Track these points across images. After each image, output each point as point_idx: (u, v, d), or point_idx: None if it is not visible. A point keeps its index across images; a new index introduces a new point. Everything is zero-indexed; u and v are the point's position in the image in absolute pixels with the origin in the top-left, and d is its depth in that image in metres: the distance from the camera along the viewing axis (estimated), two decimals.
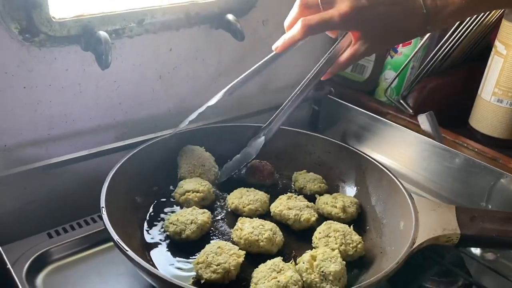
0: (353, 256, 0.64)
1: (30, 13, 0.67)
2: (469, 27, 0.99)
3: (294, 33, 0.67)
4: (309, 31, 0.65)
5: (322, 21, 0.63)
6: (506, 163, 0.87)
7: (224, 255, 0.59)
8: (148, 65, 0.85)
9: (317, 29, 0.64)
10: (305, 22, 0.64)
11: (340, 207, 0.71)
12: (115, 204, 0.63)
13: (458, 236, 0.59)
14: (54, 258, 0.69)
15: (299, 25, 0.65)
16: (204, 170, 0.78)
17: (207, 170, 0.78)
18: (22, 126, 0.75)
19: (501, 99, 0.97)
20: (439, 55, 1.01)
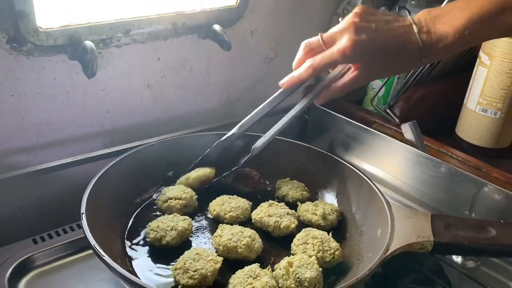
0: (331, 263, 0.64)
1: (17, 23, 0.68)
2: None
3: (300, 72, 0.71)
4: (314, 71, 0.69)
5: (325, 60, 0.67)
6: (489, 172, 0.87)
7: (201, 261, 0.60)
8: (136, 74, 0.86)
9: (321, 68, 0.68)
10: (310, 63, 0.69)
11: (320, 214, 0.72)
12: (96, 210, 0.64)
13: (431, 244, 0.60)
14: (37, 263, 0.69)
15: (305, 66, 0.70)
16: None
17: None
18: (10, 133, 0.76)
19: (485, 108, 0.98)
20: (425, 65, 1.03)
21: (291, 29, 1.06)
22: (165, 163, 0.82)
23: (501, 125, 0.98)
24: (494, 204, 0.81)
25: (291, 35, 1.06)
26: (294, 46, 1.09)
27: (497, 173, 0.87)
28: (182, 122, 0.95)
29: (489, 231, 0.61)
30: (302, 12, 1.06)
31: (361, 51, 0.65)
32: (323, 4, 1.09)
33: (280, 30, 1.04)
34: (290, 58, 1.09)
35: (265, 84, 1.08)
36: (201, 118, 0.99)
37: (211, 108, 1.01)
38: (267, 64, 1.06)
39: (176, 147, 0.84)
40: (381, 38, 0.65)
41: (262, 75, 1.06)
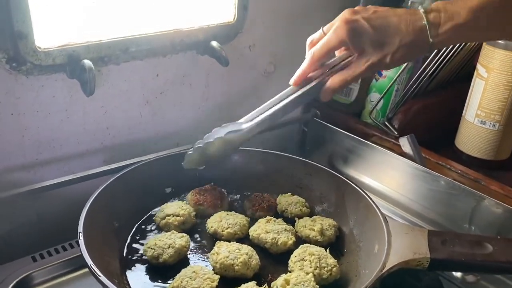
0: (328, 279, 0.64)
1: (17, 43, 0.69)
2: (453, 50, 1.01)
3: (303, 65, 0.71)
4: (313, 60, 0.69)
5: (321, 45, 0.68)
6: (488, 185, 0.87)
7: (198, 279, 0.60)
8: (135, 90, 0.87)
9: (318, 54, 0.68)
10: (310, 52, 0.70)
11: (318, 230, 0.72)
12: (94, 228, 0.65)
13: (428, 260, 0.60)
14: (36, 281, 0.70)
15: (307, 57, 0.70)
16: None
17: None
18: (10, 151, 0.77)
19: (484, 120, 0.98)
20: (423, 77, 1.03)
21: (289, 43, 1.06)
22: (164, 180, 0.83)
23: (500, 137, 0.98)
24: (494, 218, 0.81)
25: (289, 49, 1.07)
26: (292, 60, 1.10)
27: (496, 186, 0.86)
28: (182, 138, 0.96)
29: (486, 247, 0.61)
30: (300, 26, 1.07)
31: (355, 31, 0.64)
32: (321, 17, 1.09)
33: (278, 44, 1.05)
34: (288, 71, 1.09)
35: (264, 98, 1.08)
36: (200, 133, 0.99)
37: (211, 123, 1.01)
38: (266, 78, 1.07)
39: (176, 163, 0.84)
40: (378, 17, 0.64)
41: (261, 89, 1.07)
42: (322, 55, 0.69)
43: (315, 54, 0.69)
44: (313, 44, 0.71)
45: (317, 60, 0.69)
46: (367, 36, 0.64)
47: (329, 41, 0.67)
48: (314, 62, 0.70)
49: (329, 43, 0.67)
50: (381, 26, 0.64)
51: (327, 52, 0.69)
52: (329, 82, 0.69)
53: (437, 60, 1.02)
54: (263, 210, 0.79)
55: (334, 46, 0.68)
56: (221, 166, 0.86)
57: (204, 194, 0.79)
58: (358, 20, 0.64)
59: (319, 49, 0.68)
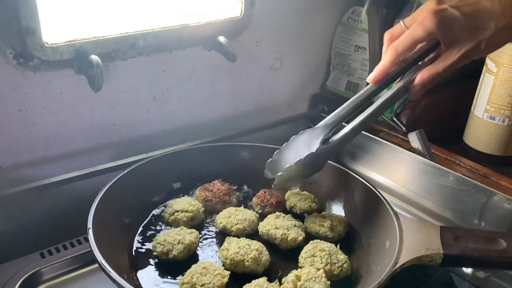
0: (339, 275, 0.64)
1: (24, 39, 0.69)
2: None
3: (384, 60, 0.67)
4: (397, 54, 0.65)
5: (406, 38, 0.64)
6: (498, 181, 0.87)
7: (208, 275, 0.60)
8: (142, 86, 0.87)
9: (403, 48, 0.64)
10: (392, 46, 0.65)
11: (328, 226, 0.71)
12: (103, 224, 0.65)
13: (441, 256, 0.59)
14: (45, 278, 0.70)
15: (388, 51, 0.66)
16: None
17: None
18: (17, 147, 0.77)
19: (493, 116, 0.97)
20: None
21: (296, 38, 1.06)
22: (171, 175, 0.83)
23: (509, 132, 0.97)
24: (504, 214, 0.80)
25: (296, 45, 1.07)
26: (298, 55, 1.11)
27: (506, 182, 0.86)
28: (188, 134, 0.96)
29: (499, 243, 0.60)
30: (307, 22, 1.07)
31: (443, 19, 0.60)
32: (328, 14, 1.10)
33: (284, 40, 1.05)
34: (295, 67, 1.10)
35: (271, 93, 1.09)
36: (207, 129, 0.99)
37: (217, 119, 1.01)
38: (272, 74, 1.06)
39: (183, 159, 0.84)
40: (468, 3, 0.60)
41: (267, 85, 1.07)
42: (406, 49, 0.65)
43: (399, 48, 0.64)
44: (393, 38, 0.66)
45: (401, 54, 0.65)
46: (459, 25, 0.61)
47: (415, 34, 0.63)
48: (397, 57, 0.66)
49: (415, 36, 0.63)
50: (473, 12, 0.60)
51: (412, 46, 0.65)
52: (418, 78, 0.66)
53: None
54: (272, 206, 0.78)
55: (421, 39, 0.63)
56: (229, 162, 0.85)
57: (212, 190, 0.79)
58: (447, 9, 0.60)
59: (403, 42, 0.64)
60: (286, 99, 1.12)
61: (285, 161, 0.70)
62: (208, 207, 0.78)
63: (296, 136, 0.73)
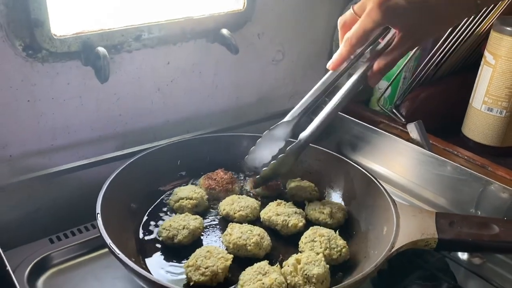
0: (338, 260, 0.66)
1: (33, 31, 0.71)
2: (460, 37, 1.02)
3: (340, 49, 0.70)
4: (351, 46, 0.67)
5: (356, 30, 0.65)
6: (495, 170, 0.89)
7: (212, 258, 0.62)
8: (147, 78, 0.89)
9: (356, 40, 0.66)
10: (346, 38, 0.67)
11: (327, 213, 0.73)
12: (111, 211, 0.67)
13: (436, 241, 0.62)
14: (54, 262, 0.72)
15: (343, 41, 0.68)
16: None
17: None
18: (26, 137, 0.79)
19: (491, 107, 0.99)
20: (430, 65, 1.04)
21: (297, 31, 1.08)
22: (176, 165, 0.85)
23: (507, 123, 0.99)
24: (500, 202, 0.82)
25: (297, 37, 1.08)
26: (300, 48, 1.12)
27: (503, 172, 0.88)
28: (192, 124, 0.98)
29: (492, 228, 0.62)
30: (308, 14, 1.08)
31: (389, 10, 0.61)
32: (329, 6, 1.11)
33: (286, 32, 1.06)
34: (296, 59, 1.12)
35: (273, 85, 1.10)
36: (210, 120, 1.01)
37: (220, 110, 1.03)
38: (274, 66, 1.08)
39: (187, 149, 0.86)
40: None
41: (269, 77, 1.08)
42: (360, 41, 0.67)
43: (352, 40, 0.66)
44: (346, 26, 0.68)
45: (355, 45, 0.67)
46: (405, 13, 0.61)
47: (365, 26, 0.64)
48: (352, 48, 0.68)
49: (365, 27, 0.64)
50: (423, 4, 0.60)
51: (364, 36, 0.66)
52: (375, 66, 0.68)
53: (444, 48, 1.03)
54: (266, 189, 0.81)
55: (371, 29, 0.65)
56: (231, 152, 0.87)
57: (215, 179, 0.81)
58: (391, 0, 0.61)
59: (355, 34, 0.66)
60: (287, 91, 1.13)
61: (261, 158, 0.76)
62: (211, 194, 0.80)
63: (267, 131, 0.76)
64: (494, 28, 0.96)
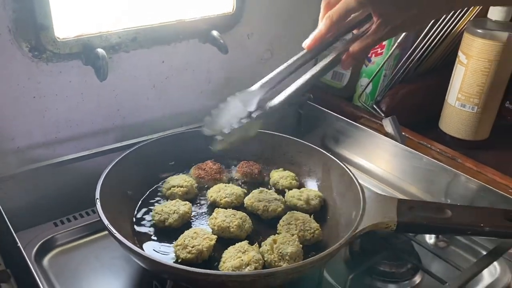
0: (311, 240, 0.73)
1: (38, 34, 0.77)
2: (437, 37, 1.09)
3: (319, 27, 0.70)
4: (331, 23, 0.68)
5: (339, 8, 0.66)
6: (464, 162, 0.96)
7: (198, 239, 0.69)
8: (143, 75, 0.95)
9: (337, 17, 0.67)
10: (327, 15, 0.68)
11: (304, 199, 0.81)
12: (109, 197, 0.73)
13: (395, 223, 0.69)
14: (58, 243, 0.80)
15: (323, 19, 0.69)
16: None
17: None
18: (32, 130, 0.85)
19: (464, 104, 1.06)
20: (410, 63, 1.11)
21: (285, 31, 1.13)
22: (169, 155, 0.91)
23: (478, 119, 1.06)
24: (466, 191, 0.88)
25: (285, 37, 1.14)
26: (288, 47, 1.19)
27: (470, 163, 0.95)
28: (186, 118, 1.03)
29: (446, 213, 0.69)
30: (295, 15, 1.14)
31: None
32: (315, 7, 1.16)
33: (274, 32, 1.12)
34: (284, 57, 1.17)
35: None
36: (202, 114, 1.06)
37: (212, 105, 1.07)
38: (263, 64, 1.14)
39: (180, 141, 0.92)
40: None
41: (258, 74, 1.11)
42: (341, 18, 0.67)
43: (334, 17, 0.67)
44: (329, 6, 0.69)
45: (335, 23, 0.68)
46: (388, 0, 0.63)
47: (349, 4, 0.65)
48: (332, 26, 0.68)
49: (348, 6, 0.65)
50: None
51: (346, 15, 0.67)
52: (350, 50, 0.69)
53: (422, 47, 1.10)
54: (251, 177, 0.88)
55: (354, 9, 0.66)
56: None
57: (205, 169, 0.88)
58: None
59: (337, 11, 0.66)
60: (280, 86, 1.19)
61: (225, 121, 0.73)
62: (201, 183, 0.87)
63: (233, 96, 0.76)
64: (466, 30, 1.03)
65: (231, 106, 0.75)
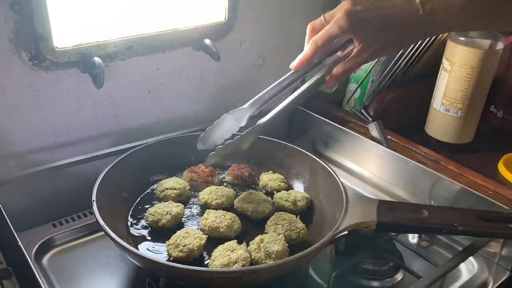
0: (297, 240, 0.77)
1: (38, 44, 0.81)
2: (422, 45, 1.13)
3: (305, 50, 0.75)
4: (316, 47, 0.73)
5: (323, 33, 0.71)
6: (446, 165, 1.00)
7: (189, 238, 0.73)
8: (139, 82, 0.99)
9: (321, 42, 0.72)
10: (312, 39, 0.73)
11: (292, 201, 0.85)
12: (105, 198, 0.77)
13: (375, 223, 0.72)
14: (57, 243, 0.83)
15: (309, 43, 0.74)
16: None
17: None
18: (32, 135, 0.87)
19: (448, 108, 1.10)
20: (396, 69, 1.15)
21: (276, 38, 1.17)
22: (163, 159, 0.94)
23: (462, 123, 1.10)
24: (448, 193, 0.92)
25: (276, 44, 1.18)
26: (279, 53, 1.23)
27: (453, 166, 0.99)
28: (180, 124, 1.07)
29: (423, 213, 0.73)
30: (286, 24, 1.18)
31: (356, 21, 0.67)
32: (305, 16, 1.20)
33: (266, 39, 1.16)
34: (276, 64, 1.22)
35: (254, 88, 1.19)
36: (196, 119, 1.10)
37: (205, 111, 1.12)
38: (255, 71, 1.18)
39: (174, 145, 0.96)
40: (376, 7, 0.67)
41: (250, 81, 1.19)
42: (324, 44, 0.72)
43: (318, 42, 0.72)
44: (314, 31, 0.74)
45: (319, 48, 0.73)
46: (369, 27, 0.68)
47: (331, 31, 0.70)
48: (316, 50, 0.73)
49: (331, 33, 0.70)
50: (381, 16, 0.68)
51: (329, 41, 0.72)
52: (333, 71, 0.74)
53: (408, 53, 1.14)
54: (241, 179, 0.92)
55: (336, 35, 0.71)
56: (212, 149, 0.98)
57: (197, 172, 0.92)
58: (359, 11, 0.68)
59: (321, 37, 0.72)
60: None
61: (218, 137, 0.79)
62: (193, 186, 0.91)
63: (226, 114, 0.81)
64: (450, 38, 1.07)
65: (224, 122, 0.80)
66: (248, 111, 0.79)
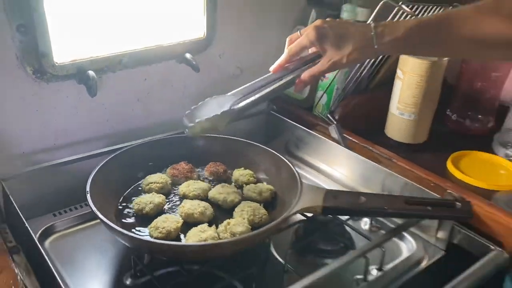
0: (259, 224, 0.89)
1: (40, 60, 0.93)
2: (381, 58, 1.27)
3: (281, 57, 0.91)
4: (289, 55, 0.89)
5: (296, 44, 0.87)
6: (397, 162, 1.13)
7: (168, 222, 0.87)
8: (128, 91, 1.11)
9: (294, 51, 0.88)
10: (288, 48, 0.89)
11: (258, 192, 0.98)
12: (97, 190, 0.89)
13: (320, 208, 0.86)
14: (57, 230, 0.96)
15: (285, 51, 0.90)
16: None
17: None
18: (35, 138, 0.98)
19: (402, 112, 1.24)
20: (357, 78, 1.29)
21: (252, 51, 1.30)
22: (149, 157, 1.07)
23: (415, 125, 1.23)
24: (398, 187, 1.05)
25: (253, 55, 1.31)
26: (255, 64, 1.36)
27: (403, 162, 1.12)
28: (166, 127, 1.17)
29: (361, 199, 0.87)
30: (261, 38, 1.31)
31: (321, 34, 0.82)
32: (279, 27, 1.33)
33: (243, 52, 1.29)
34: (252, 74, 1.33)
35: None
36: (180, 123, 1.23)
37: None
38: (233, 80, 1.30)
39: (158, 145, 1.09)
40: (339, 26, 0.83)
41: (229, 89, 1.27)
42: (297, 52, 0.87)
43: (291, 50, 0.88)
44: (291, 42, 0.89)
45: (292, 55, 0.88)
46: (329, 40, 0.82)
47: (302, 41, 0.86)
48: (290, 57, 0.88)
49: (302, 43, 0.86)
50: (340, 33, 0.82)
51: (300, 50, 0.87)
52: (302, 76, 0.88)
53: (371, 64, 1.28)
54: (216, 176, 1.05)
55: (306, 46, 0.86)
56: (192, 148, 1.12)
57: (178, 169, 1.06)
58: (325, 28, 0.83)
59: (294, 46, 0.87)
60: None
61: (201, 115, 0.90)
62: (175, 181, 1.05)
63: (211, 98, 0.93)
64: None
65: (208, 104, 0.92)
66: (229, 100, 0.90)
